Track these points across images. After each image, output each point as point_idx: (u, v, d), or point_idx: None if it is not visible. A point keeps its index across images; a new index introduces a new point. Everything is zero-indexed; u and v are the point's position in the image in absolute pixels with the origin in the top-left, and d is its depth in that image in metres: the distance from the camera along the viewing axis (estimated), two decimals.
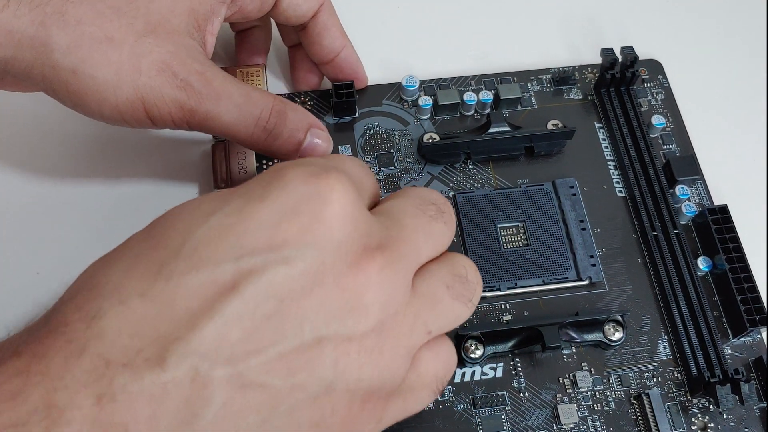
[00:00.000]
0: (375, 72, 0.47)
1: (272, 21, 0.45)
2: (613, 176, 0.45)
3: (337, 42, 0.43)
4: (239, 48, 0.46)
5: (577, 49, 0.50)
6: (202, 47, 0.36)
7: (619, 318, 0.40)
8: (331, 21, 0.42)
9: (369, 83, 0.47)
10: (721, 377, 0.38)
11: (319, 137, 0.37)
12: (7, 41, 0.32)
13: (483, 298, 0.41)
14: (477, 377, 0.39)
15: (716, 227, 0.41)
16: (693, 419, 0.38)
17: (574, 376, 0.39)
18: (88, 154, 0.44)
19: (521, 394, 0.39)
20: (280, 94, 0.46)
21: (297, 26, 0.43)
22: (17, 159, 0.44)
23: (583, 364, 0.39)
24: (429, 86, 0.47)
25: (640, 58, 0.45)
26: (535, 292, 0.41)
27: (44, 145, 0.44)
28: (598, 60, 0.46)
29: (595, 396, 0.39)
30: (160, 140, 0.45)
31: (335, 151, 0.45)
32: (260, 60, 0.44)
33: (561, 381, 0.39)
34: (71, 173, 0.44)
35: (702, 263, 0.41)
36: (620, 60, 0.45)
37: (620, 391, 0.39)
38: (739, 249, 0.41)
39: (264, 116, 0.36)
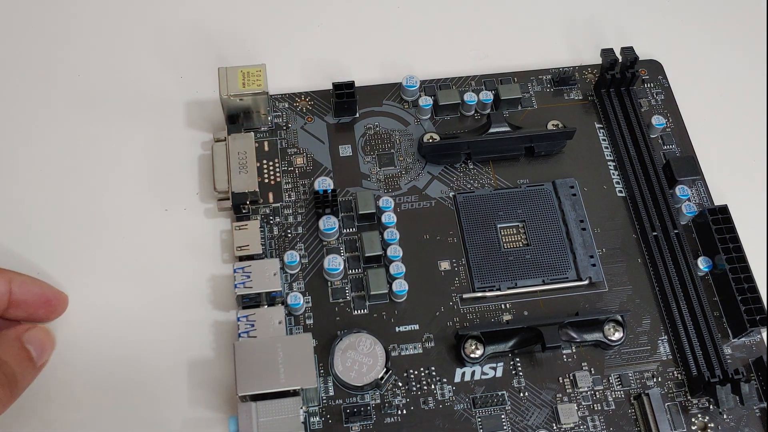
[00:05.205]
0: (375, 72, 0.47)
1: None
2: (613, 176, 0.45)
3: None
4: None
5: (578, 49, 0.50)
6: None
7: (619, 318, 0.40)
8: None
9: (370, 83, 0.47)
10: (721, 377, 0.38)
11: None
12: None
13: (483, 298, 0.41)
14: (477, 377, 0.39)
15: (716, 227, 0.41)
16: (693, 419, 0.38)
17: (574, 375, 0.39)
18: (90, 154, 0.44)
19: (521, 394, 0.39)
20: (281, 94, 0.46)
21: None
22: (17, 159, 0.44)
23: (583, 364, 0.39)
24: (429, 86, 0.47)
25: (640, 59, 0.45)
26: (535, 292, 0.41)
27: (45, 145, 0.44)
28: (599, 60, 0.46)
29: (595, 396, 0.39)
30: (161, 140, 0.45)
31: (335, 150, 0.45)
32: None
33: (561, 381, 0.39)
34: (72, 173, 0.44)
35: (702, 263, 0.42)
36: (620, 60, 0.45)
37: (620, 391, 0.39)
38: (739, 249, 0.41)
39: None
